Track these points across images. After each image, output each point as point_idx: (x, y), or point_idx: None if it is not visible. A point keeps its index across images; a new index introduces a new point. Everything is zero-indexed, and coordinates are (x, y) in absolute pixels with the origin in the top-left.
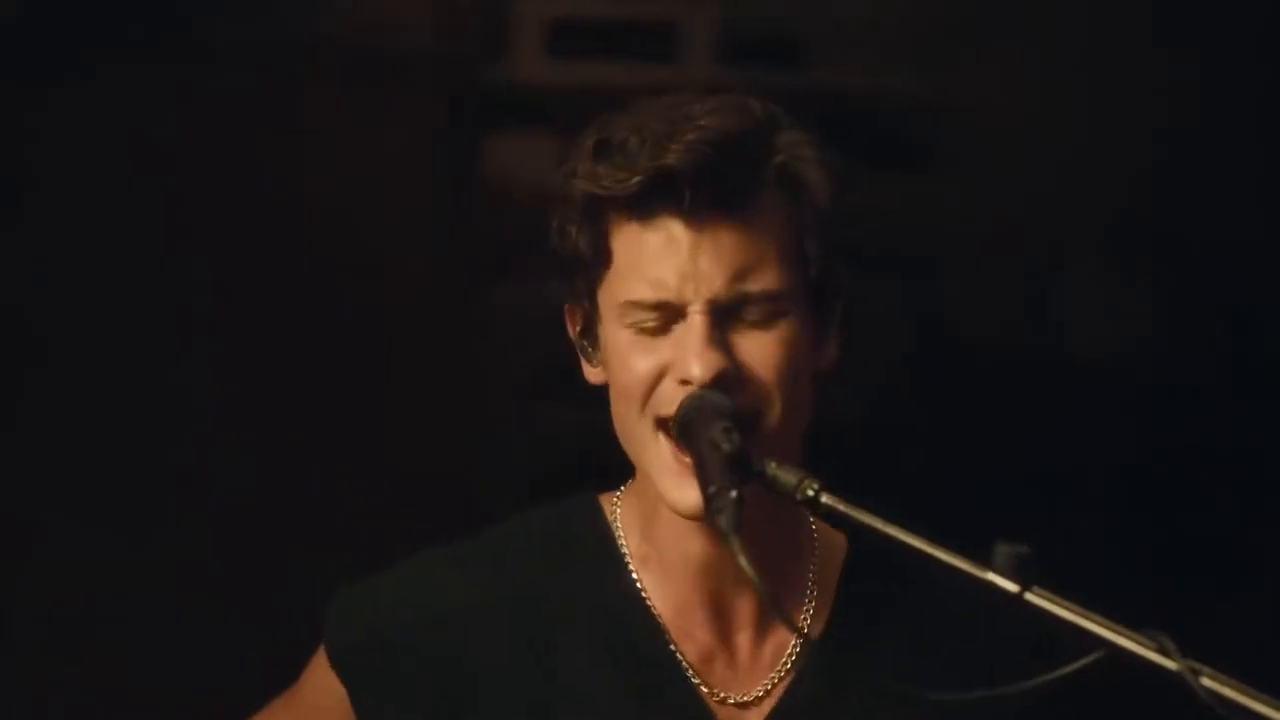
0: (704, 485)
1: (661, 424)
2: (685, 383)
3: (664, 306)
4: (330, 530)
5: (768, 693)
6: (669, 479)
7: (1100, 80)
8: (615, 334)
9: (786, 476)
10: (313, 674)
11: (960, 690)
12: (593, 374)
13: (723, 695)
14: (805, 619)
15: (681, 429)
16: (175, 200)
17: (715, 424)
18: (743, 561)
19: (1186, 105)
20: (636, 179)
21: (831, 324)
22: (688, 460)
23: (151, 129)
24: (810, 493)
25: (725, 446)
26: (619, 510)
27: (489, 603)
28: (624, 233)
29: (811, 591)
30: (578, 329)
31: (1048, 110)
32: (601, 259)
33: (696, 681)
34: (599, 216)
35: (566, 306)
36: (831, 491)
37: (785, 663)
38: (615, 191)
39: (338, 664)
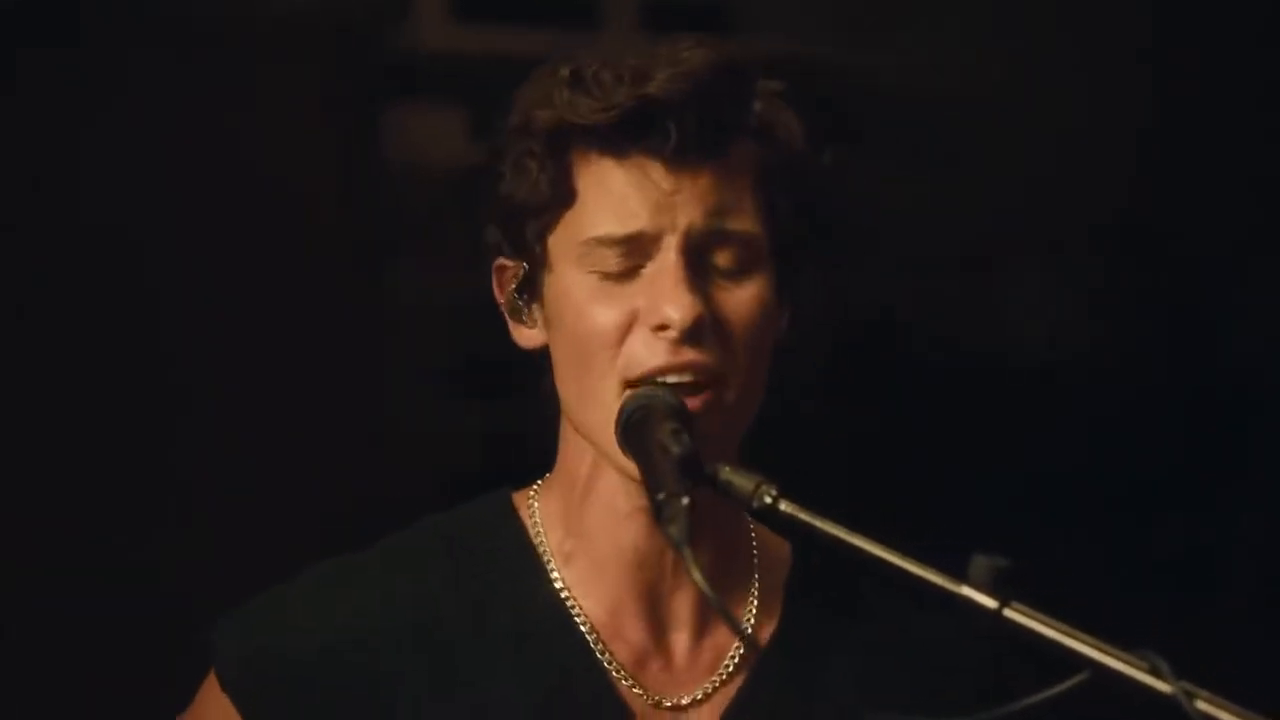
0: (652, 492)
1: (628, 385)
2: (660, 329)
3: (635, 241)
4: (219, 537)
5: (708, 696)
6: None
7: (1064, 44)
8: (572, 281)
9: (741, 482)
10: (202, 704)
11: (915, 708)
12: (526, 336)
13: (658, 698)
14: (748, 625)
15: (626, 431)
16: (65, 183)
17: (664, 425)
18: (697, 575)
19: (1161, 86)
20: (616, 110)
21: (789, 291)
22: None
23: (45, 110)
24: (768, 499)
25: (675, 449)
26: (537, 505)
27: (391, 618)
28: (592, 168)
29: (753, 598)
30: (512, 286)
31: (1002, 81)
32: (563, 197)
33: (629, 684)
34: (565, 150)
35: (496, 264)
36: (789, 498)
37: (727, 665)
38: (592, 121)
39: (230, 688)
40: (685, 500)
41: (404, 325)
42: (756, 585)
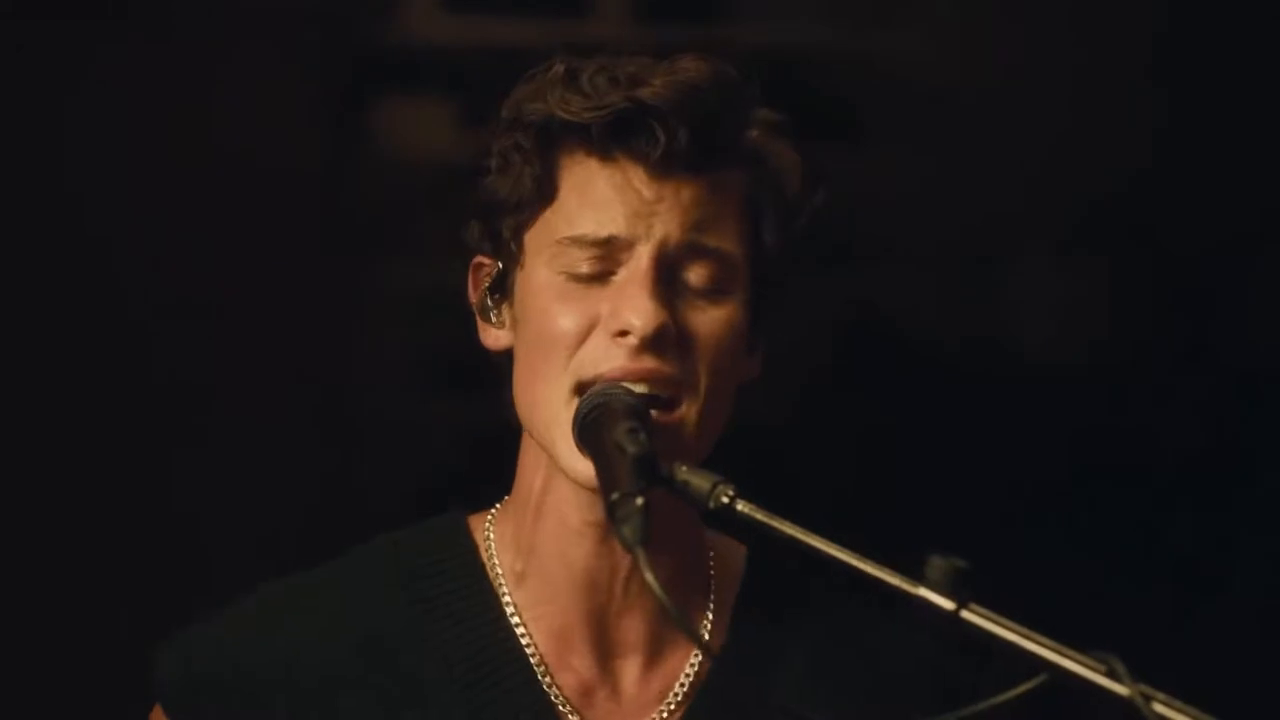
0: (606, 492)
1: (582, 389)
2: (620, 335)
3: (608, 245)
4: (188, 534)
5: None
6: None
7: (1065, 36)
8: (542, 280)
9: (699, 482)
10: None
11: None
12: (494, 336)
13: None
14: (709, 635)
15: (583, 429)
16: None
17: (620, 423)
18: (649, 576)
19: (1171, 77)
20: (607, 109)
21: (763, 331)
22: None
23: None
24: (725, 500)
25: (631, 449)
26: (492, 529)
27: (337, 643)
28: (577, 166)
29: (709, 616)
30: (484, 285)
31: (1001, 73)
32: (545, 194)
33: (570, 714)
34: (552, 147)
35: (474, 261)
36: (747, 499)
37: (676, 694)
38: (583, 119)
39: (174, 713)
40: (640, 501)
41: (393, 317)
42: (712, 602)
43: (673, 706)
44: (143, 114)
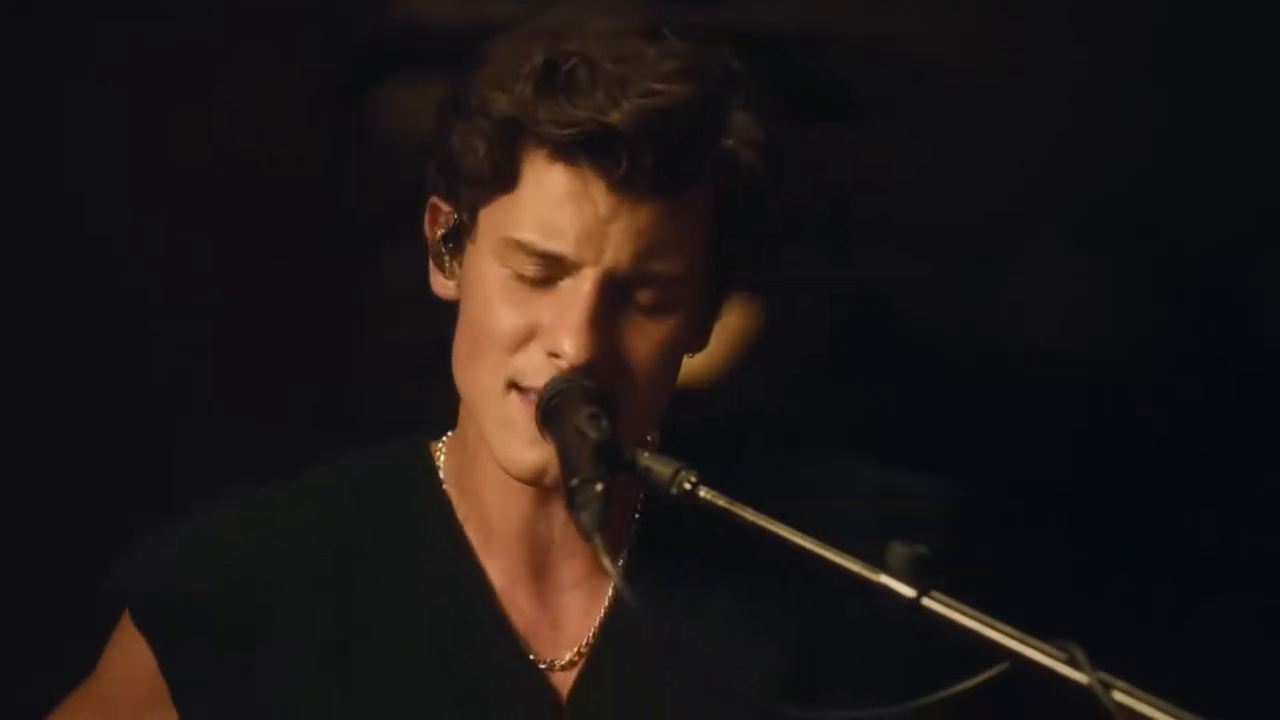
0: (567, 477)
1: (514, 387)
2: (554, 356)
3: (554, 260)
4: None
5: (582, 656)
6: (508, 432)
7: (1079, 19)
8: (489, 269)
9: (660, 468)
10: (117, 645)
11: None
12: (441, 286)
13: (551, 659)
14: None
15: (546, 413)
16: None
17: (582, 410)
18: (606, 562)
19: (1173, 66)
20: (573, 130)
21: (717, 311)
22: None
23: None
24: (687, 486)
25: (593, 434)
26: (443, 459)
27: (303, 559)
28: (539, 165)
29: (626, 550)
30: (439, 231)
31: (1015, 57)
32: (504, 182)
33: (525, 649)
34: (515, 139)
35: (431, 200)
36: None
37: (598, 625)
38: (548, 133)
39: (139, 619)
40: (599, 487)
41: (396, 304)
42: (630, 544)
43: (591, 637)
44: (143, 109)
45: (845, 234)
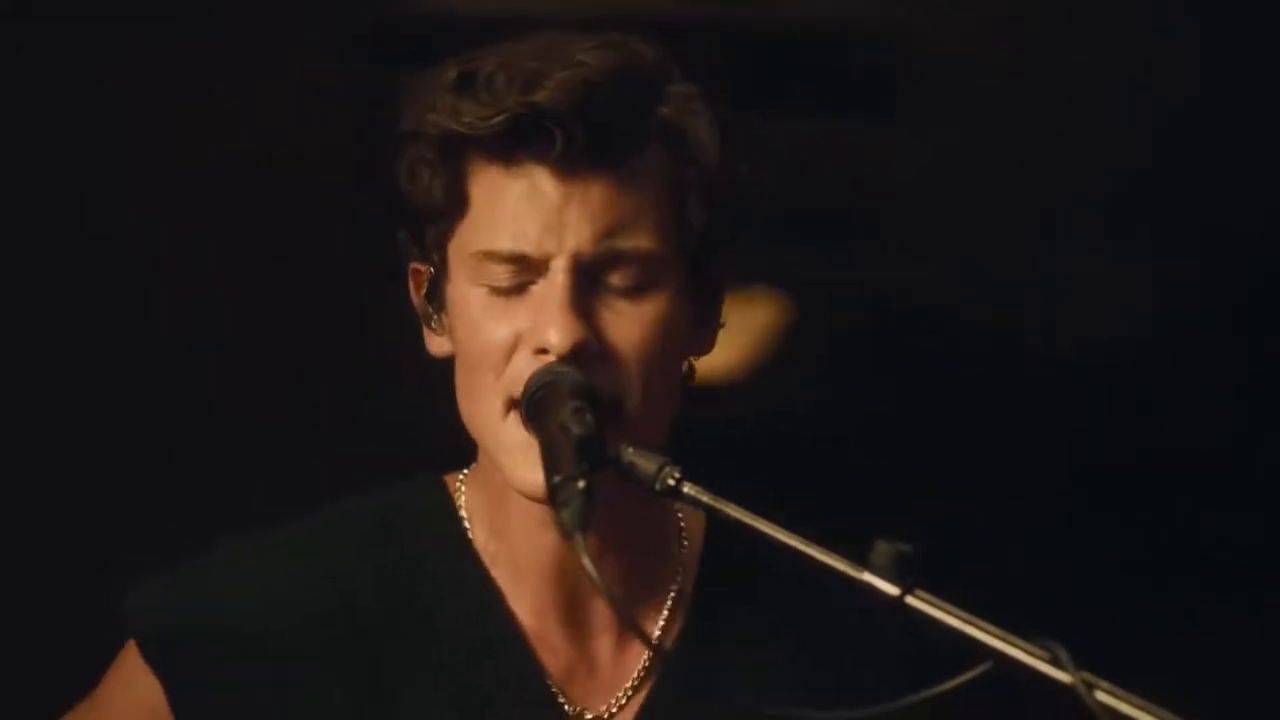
0: (549, 473)
1: (513, 405)
2: (541, 352)
3: (522, 260)
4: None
5: (621, 707)
6: (517, 456)
7: (1112, 10)
8: (466, 293)
9: (645, 464)
10: (118, 674)
11: (827, 703)
12: (436, 344)
13: (582, 709)
14: (663, 620)
15: (530, 407)
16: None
17: (567, 404)
18: (587, 562)
19: (1211, 49)
20: (501, 117)
21: (713, 304)
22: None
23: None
24: (671, 482)
25: (576, 429)
26: (464, 497)
27: (321, 601)
28: (484, 177)
29: (674, 592)
30: (423, 292)
31: (1047, 48)
32: (457, 206)
33: (558, 697)
34: (457, 158)
35: (411, 267)
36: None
37: (639, 671)
38: (477, 130)
39: (150, 655)
40: (581, 484)
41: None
42: (680, 581)
43: (636, 684)
44: (143, 109)
45: (878, 225)
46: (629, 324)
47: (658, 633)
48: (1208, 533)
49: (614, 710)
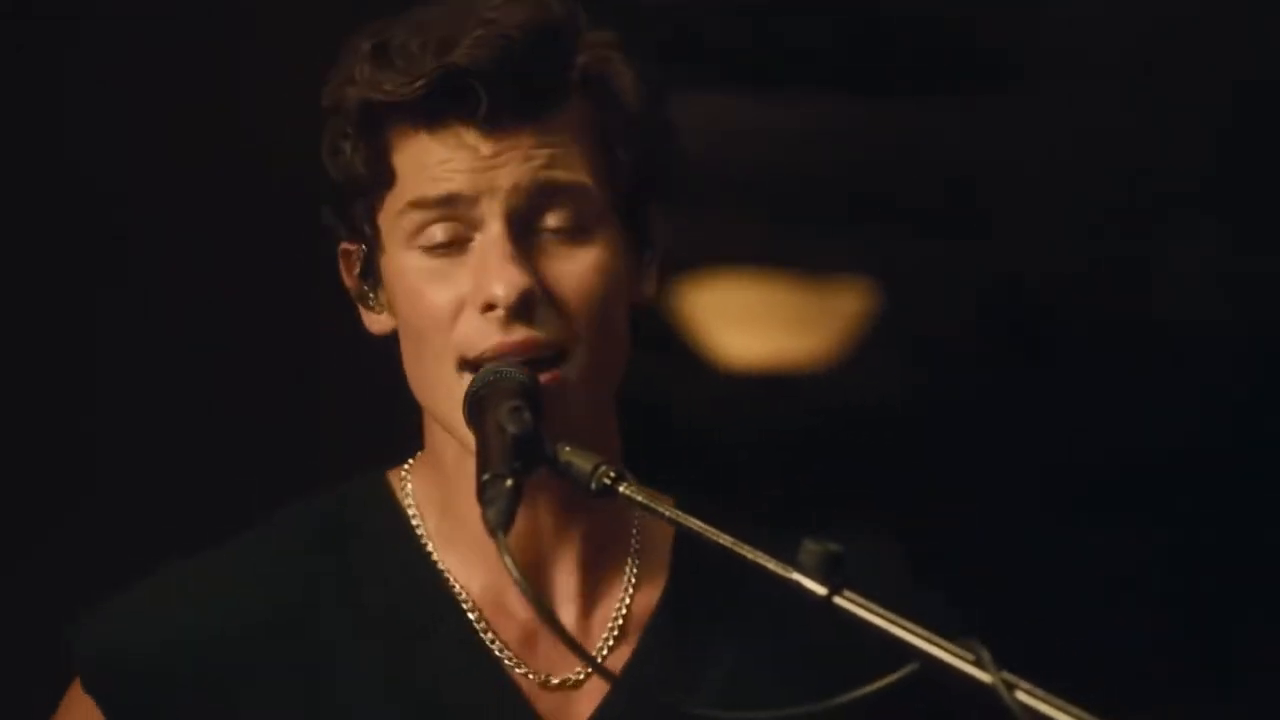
0: (479, 471)
1: (466, 364)
2: (490, 308)
3: (452, 202)
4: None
5: (587, 672)
6: None
7: None
8: (401, 262)
9: (581, 463)
10: (65, 706)
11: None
12: (375, 322)
13: (546, 676)
14: (626, 593)
15: (471, 408)
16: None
17: (505, 403)
18: (508, 562)
19: None
20: (421, 82)
21: (650, 248)
22: None
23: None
24: (606, 481)
25: (511, 428)
26: (411, 486)
27: (261, 613)
28: (409, 144)
29: (631, 572)
30: (356, 271)
31: (1149, 17)
32: (383, 178)
33: (516, 664)
34: (378, 129)
35: (341, 247)
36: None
37: (607, 637)
38: (398, 97)
39: (89, 685)
40: (509, 482)
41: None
42: (635, 560)
43: (606, 650)
44: (144, 100)
45: (988, 211)
46: (572, 267)
47: (621, 606)
48: None
49: (582, 675)
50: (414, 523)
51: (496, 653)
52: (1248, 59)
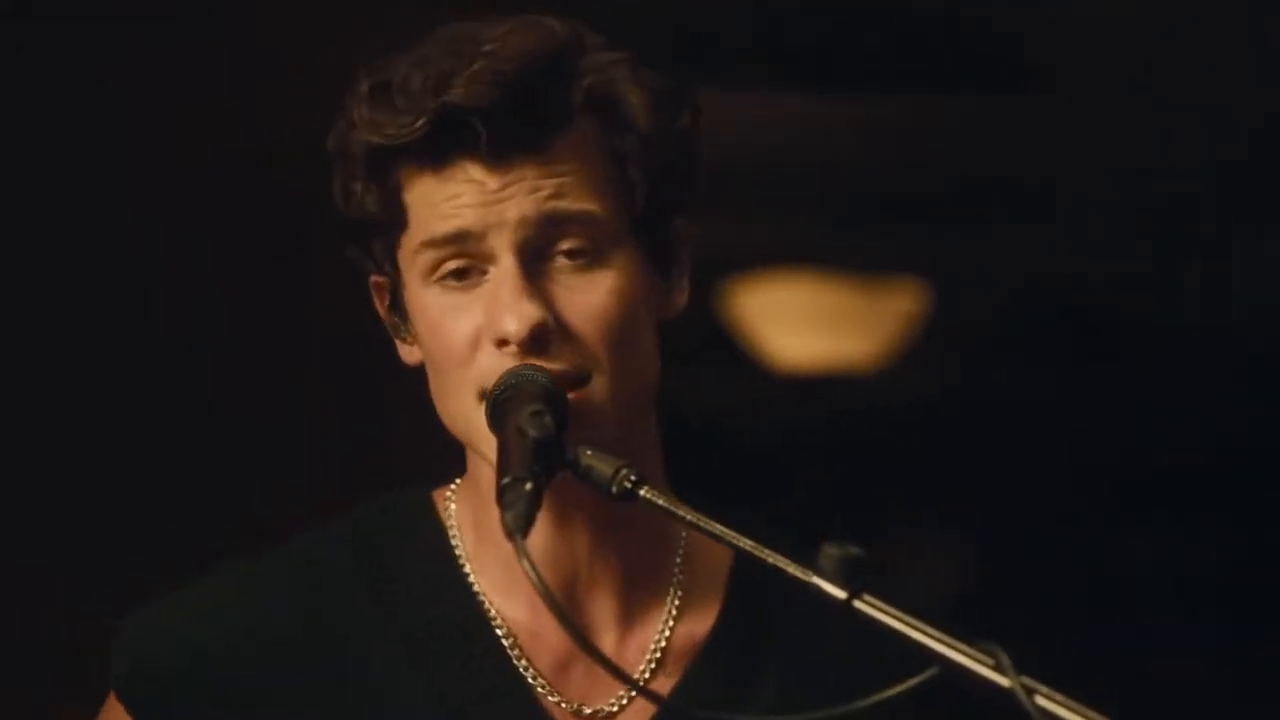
0: (499, 476)
1: (485, 396)
2: (503, 343)
3: (463, 239)
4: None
5: (628, 702)
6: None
7: None
8: (422, 297)
9: (601, 467)
10: (103, 714)
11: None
12: (407, 353)
13: (579, 705)
14: (668, 620)
15: (493, 411)
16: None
17: (525, 407)
18: (526, 565)
19: None
20: (421, 121)
21: (677, 261)
22: None
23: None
24: (627, 485)
25: (533, 431)
26: (453, 507)
27: (296, 626)
28: (417, 184)
29: (675, 597)
30: (386, 304)
31: (1203, 20)
32: (397, 219)
33: (545, 691)
34: (386, 171)
35: (372, 280)
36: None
37: (644, 668)
38: (400, 139)
39: (125, 698)
40: (528, 486)
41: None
42: (679, 588)
43: (646, 678)
44: (144, 100)
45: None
46: (586, 297)
47: (660, 636)
48: None
49: (620, 705)
50: (454, 543)
51: (529, 679)
52: None
